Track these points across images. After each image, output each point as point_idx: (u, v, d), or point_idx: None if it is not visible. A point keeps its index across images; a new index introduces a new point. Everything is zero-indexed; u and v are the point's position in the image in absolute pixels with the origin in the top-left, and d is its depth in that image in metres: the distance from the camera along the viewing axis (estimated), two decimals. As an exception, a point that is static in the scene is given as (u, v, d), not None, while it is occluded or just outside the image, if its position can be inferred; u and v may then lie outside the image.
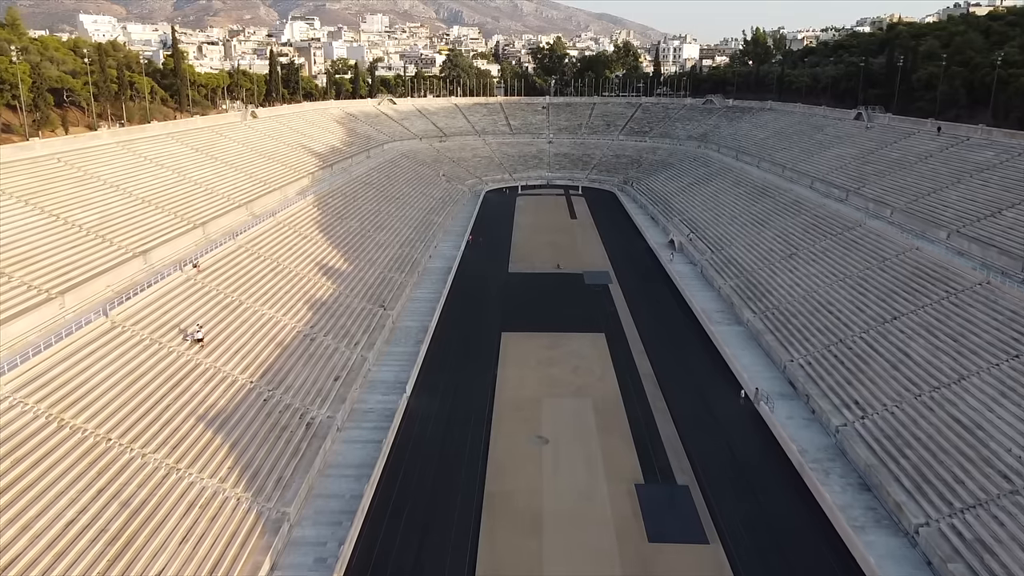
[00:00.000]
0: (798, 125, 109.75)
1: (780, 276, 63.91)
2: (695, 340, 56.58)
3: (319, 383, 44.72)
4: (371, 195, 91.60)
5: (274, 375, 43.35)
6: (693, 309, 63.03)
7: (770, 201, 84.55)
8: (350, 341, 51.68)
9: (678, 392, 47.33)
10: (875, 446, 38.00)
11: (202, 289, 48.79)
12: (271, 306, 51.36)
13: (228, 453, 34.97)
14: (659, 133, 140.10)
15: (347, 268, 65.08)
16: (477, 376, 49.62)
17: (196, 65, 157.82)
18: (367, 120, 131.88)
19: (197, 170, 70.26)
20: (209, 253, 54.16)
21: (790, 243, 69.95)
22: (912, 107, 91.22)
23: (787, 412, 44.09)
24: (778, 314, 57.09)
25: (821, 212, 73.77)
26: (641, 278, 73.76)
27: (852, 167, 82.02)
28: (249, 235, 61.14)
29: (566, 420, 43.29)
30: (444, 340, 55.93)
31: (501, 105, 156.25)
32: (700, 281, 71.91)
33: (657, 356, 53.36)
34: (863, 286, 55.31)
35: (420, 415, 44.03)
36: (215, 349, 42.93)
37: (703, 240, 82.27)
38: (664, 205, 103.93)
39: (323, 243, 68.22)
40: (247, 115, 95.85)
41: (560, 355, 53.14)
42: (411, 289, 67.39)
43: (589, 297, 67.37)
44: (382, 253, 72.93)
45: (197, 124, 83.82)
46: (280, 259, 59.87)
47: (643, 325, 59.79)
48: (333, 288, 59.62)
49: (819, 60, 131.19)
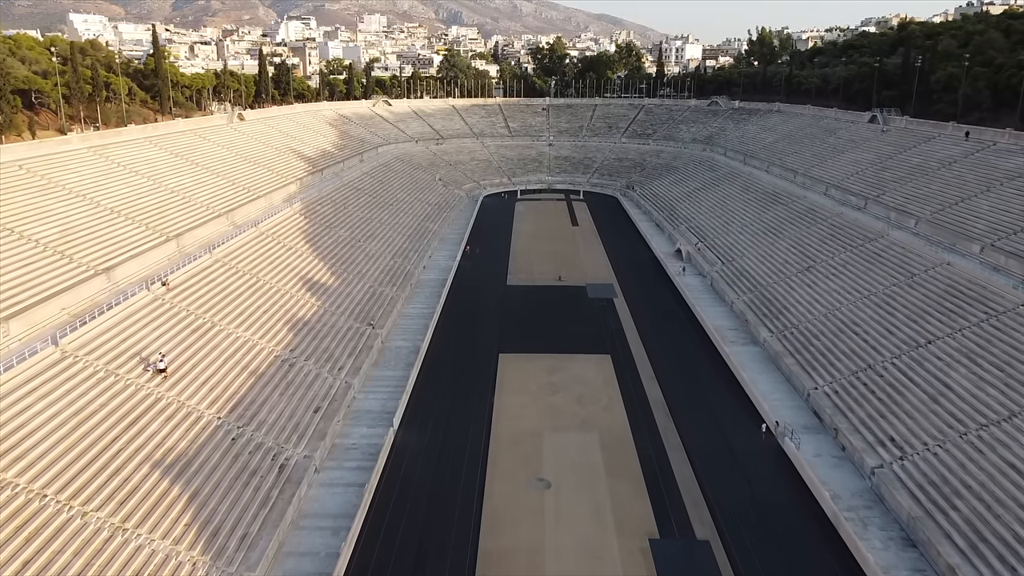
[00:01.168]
0: (808, 128, 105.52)
1: (797, 291, 59.64)
2: (708, 362, 52.31)
3: (296, 416, 40.41)
4: (363, 201, 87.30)
5: (245, 409, 39.02)
6: (704, 327, 58.76)
7: (782, 208, 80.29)
8: (333, 366, 47.38)
9: (692, 424, 43.05)
10: (919, 494, 33.70)
11: (170, 310, 44.46)
12: (247, 328, 47.03)
13: (186, 507, 30.64)
14: (663, 136, 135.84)
15: (334, 283, 60.77)
16: (472, 405, 45.33)
17: (188, 65, 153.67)
18: (361, 122, 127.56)
19: (175, 177, 65.93)
20: (181, 269, 49.82)
21: (806, 255, 65.67)
22: (931, 110, 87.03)
23: (814, 448, 39.82)
24: (798, 334, 52.81)
25: (838, 221, 69.50)
26: (647, 291, 69.50)
27: (869, 173, 77.77)
28: (227, 247, 56.82)
29: (570, 459, 39.00)
30: (437, 363, 51.66)
31: (500, 107, 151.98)
32: (710, 295, 67.63)
33: (668, 381, 49.08)
34: (890, 304, 51.03)
35: (408, 452, 39.76)
36: (180, 380, 38.60)
37: (712, 250, 78.00)
38: (669, 211, 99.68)
39: (309, 255, 63.91)
40: (233, 117, 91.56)
41: (562, 381, 48.86)
42: (403, 304, 63.10)
43: (593, 313, 63.09)
44: (373, 265, 68.62)
45: (178, 127, 79.50)
46: (260, 274, 55.55)
47: (651, 345, 55.52)
48: (317, 305, 55.30)
49: (828, 60, 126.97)
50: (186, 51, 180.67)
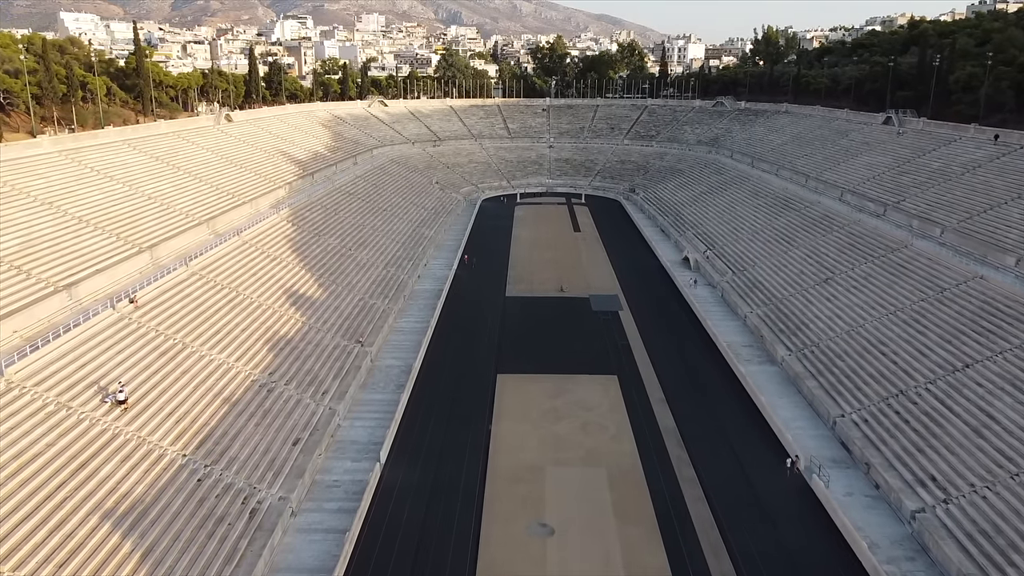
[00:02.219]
0: (819, 130, 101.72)
1: (816, 305, 55.83)
2: (722, 384, 48.49)
3: (273, 450, 36.59)
4: (355, 207, 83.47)
5: (215, 443, 35.20)
6: (717, 343, 54.96)
7: (795, 215, 76.49)
8: (317, 390, 43.56)
9: (709, 457, 39.24)
10: (969, 545, 29.89)
11: (137, 331, 40.64)
12: (223, 349, 43.19)
13: (138, 567, 26.82)
14: (666, 137, 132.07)
15: (321, 296, 56.95)
16: (467, 434, 41.53)
17: (180, 65, 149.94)
18: (356, 123, 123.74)
19: (153, 182, 62.10)
20: (153, 283, 46.01)
21: (824, 265, 61.87)
22: (949, 111, 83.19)
23: (845, 486, 36.04)
24: (819, 353, 48.99)
25: (856, 229, 65.71)
26: (654, 303, 65.68)
27: (887, 178, 73.97)
28: (206, 259, 53.02)
29: (575, 499, 35.19)
30: (430, 384, 47.85)
31: (499, 107, 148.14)
32: (722, 307, 63.82)
33: (679, 405, 45.27)
34: (920, 322, 47.23)
35: (396, 490, 35.96)
36: (142, 412, 34.78)
37: (721, 258, 74.19)
38: (675, 216, 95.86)
39: (295, 266, 60.08)
40: (220, 118, 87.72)
41: (566, 405, 45.04)
42: (395, 318, 59.30)
43: (597, 327, 59.27)
44: (364, 275, 64.79)
45: (160, 129, 75.64)
46: (241, 287, 51.72)
47: (660, 364, 51.71)
48: (302, 321, 51.48)
49: (838, 60, 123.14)
50: (178, 50, 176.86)
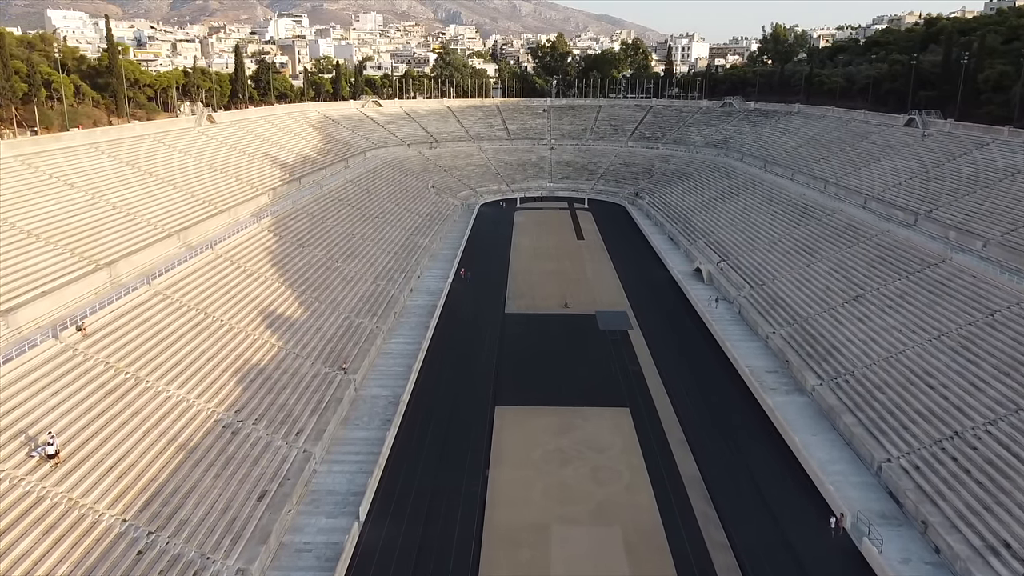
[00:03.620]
0: (835, 131, 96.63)
1: (847, 327, 50.64)
2: (747, 418, 43.29)
3: (234, 507, 31.38)
4: (344, 214, 78.28)
5: (164, 503, 29.99)
6: (737, 368, 49.82)
7: (816, 224, 71.31)
8: (290, 429, 38.35)
9: (740, 513, 34.04)
10: (1064, 638, 24.77)
11: (82, 365, 35.45)
12: (182, 383, 37.98)
13: None
14: (672, 139, 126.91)
15: (302, 315, 51.77)
16: (461, 480, 36.39)
17: (168, 64, 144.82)
18: (348, 124, 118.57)
19: (120, 190, 56.94)
20: (108, 306, 40.84)
21: (853, 281, 56.69)
22: (978, 112, 78.11)
23: (900, 550, 30.88)
24: (855, 384, 43.81)
25: (886, 241, 60.56)
26: (666, 320, 60.53)
27: (915, 184, 68.84)
28: (173, 276, 47.81)
29: (586, 567, 30.01)
30: (420, 418, 42.69)
31: (498, 107, 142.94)
32: (740, 326, 58.65)
33: (701, 446, 40.06)
34: (970, 349, 42.06)
35: (377, 554, 30.82)
36: (76, 467, 29.58)
37: (737, 270, 69.02)
38: (684, 223, 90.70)
39: (274, 281, 54.88)
40: (202, 119, 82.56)
41: (573, 445, 39.84)
42: (384, 339, 54.15)
43: (605, 350, 54.09)
44: (351, 291, 59.62)
45: (134, 131, 70.46)
46: (210, 308, 46.50)
47: (677, 394, 46.53)
48: (278, 346, 46.27)
49: (852, 59, 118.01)
50: (168, 49, 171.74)
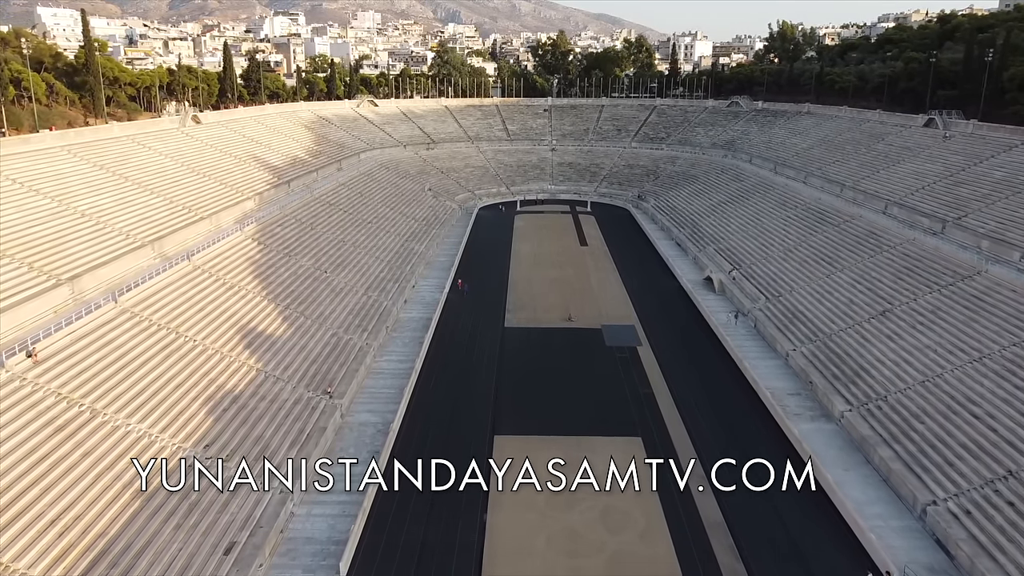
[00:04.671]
0: (848, 132, 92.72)
1: (875, 345, 46.71)
2: (771, 447, 39.34)
3: (196, 565, 27.42)
4: (336, 219, 74.33)
5: (112, 563, 26.02)
6: (757, 389, 45.92)
7: (833, 230, 67.38)
8: (265, 467, 34.35)
9: (769, 564, 30.16)
10: None
11: (28, 399, 31.47)
12: (144, 416, 34.03)
13: None
14: (678, 140, 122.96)
15: (285, 333, 47.82)
16: (456, 525, 32.54)
17: (159, 63, 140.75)
18: (343, 125, 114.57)
19: (92, 196, 52.99)
20: (66, 328, 36.90)
21: (878, 294, 52.76)
22: (1003, 112, 74.20)
23: (957, 615, 27.00)
24: (889, 411, 39.90)
25: (912, 250, 56.68)
26: (677, 335, 56.60)
27: (939, 188, 64.94)
28: (143, 291, 43.86)
29: (599, 638, 26.13)
30: (411, 449, 38.74)
31: (497, 107, 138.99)
32: (757, 341, 54.74)
33: (724, 483, 35.91)
34: (1018, 375, 38.12)
35: (359, 620, 26.91)
36: (10, 523, 25.58)
37: (751, 280, 65.09)
38: (691, 228, 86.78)
39: (256, 295, 50.93)
40: (186, 120, 78.60)
41: (580, 482, 35.80)
42: (374, 356, 50.23)
43: (613, 368, 50.17)
44: (340, 304, 55.69)
45: (112, 133, 66.49)
46: (183, 327, 42.55)
47: (692, 421, 42.58)
48: (256, 369, 42.32)
49: (864, 57, 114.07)
50: (159, 47, 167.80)
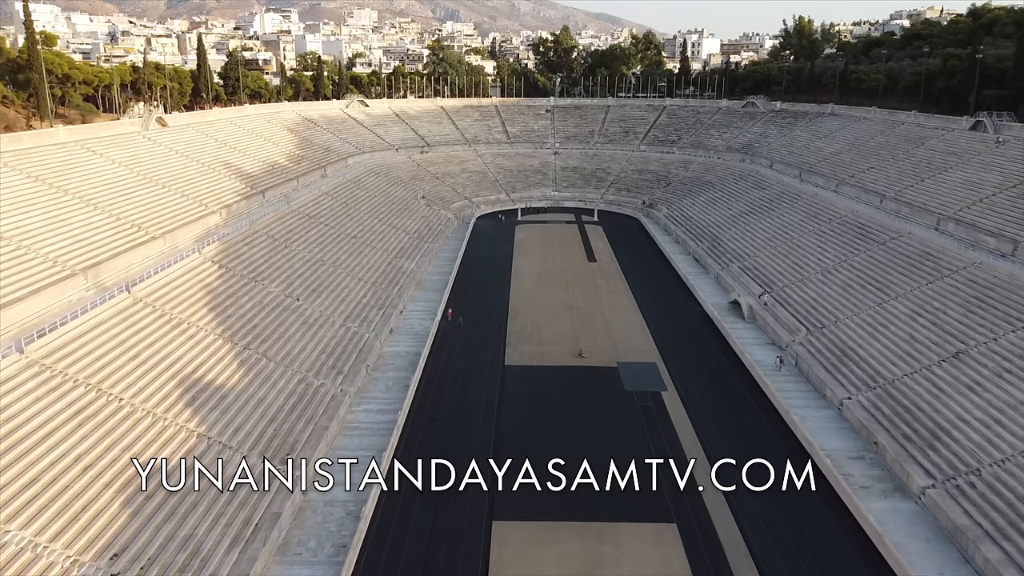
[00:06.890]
0: (881, 136, 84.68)
1: (954, 398, 38.59)
2: (837, 535, 31.32)
3: None
4: (315, 235, 66.16)
5: None
6: (810, 451, 37.78)
7: (879, 249, 59.28)
8: (196, 572, 26.23)
9: None
10: None
11: None
12: (28, 520, 25.77)
13: None
14: (690, 143, 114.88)
15: (239, 383, 39.64)
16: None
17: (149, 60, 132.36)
18: (330, 127, 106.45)
19: (16, 214, 44.71)
20: (-57, 393, 28.71)
21: (946, 330, 44.62)
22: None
23: None
24: (986, 489, 31.77)
25: (979, 276, 48.58)
26: (707, 377, 48.37)
27: (1002, 202, 56.87)
28: (60, 335, 35.69)
29: None
30: (387, 549, 30.64)
31: (496, 108, 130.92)
32: (801, 384, 46.61)
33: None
34: None
35: None
36: None
37: (785, 306, 57.02)
38: (711, 242, 78.68)
39: (208, 333, 42.76)
40: (150, 123, 70.43)
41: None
42: (349, 407, 42.10)
43: (634, 422, 42.01)
44: (311, 339, 47.55)
45: (57, 138, 58.36)
46: (104, 382, 34.34)
47: (740, 500, 34.23)
48: (197, 435, 34.11)
49: (892, 53, 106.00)
50: (142, 44, 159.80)
